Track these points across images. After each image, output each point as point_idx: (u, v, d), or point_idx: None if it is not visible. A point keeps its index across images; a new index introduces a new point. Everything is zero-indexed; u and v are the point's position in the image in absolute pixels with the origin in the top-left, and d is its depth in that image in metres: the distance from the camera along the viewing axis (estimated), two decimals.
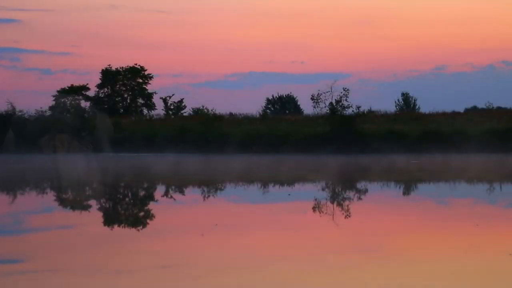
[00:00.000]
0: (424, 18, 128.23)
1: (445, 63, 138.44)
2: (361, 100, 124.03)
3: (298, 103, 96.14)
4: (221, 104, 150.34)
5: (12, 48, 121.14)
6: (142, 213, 16.89)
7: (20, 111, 66.96)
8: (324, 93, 62.31)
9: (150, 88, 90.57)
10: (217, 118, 67.11)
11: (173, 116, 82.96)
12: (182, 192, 23.15)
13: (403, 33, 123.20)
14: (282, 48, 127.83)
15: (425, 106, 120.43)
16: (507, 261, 9.81)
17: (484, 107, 75.65)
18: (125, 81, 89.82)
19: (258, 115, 73.85)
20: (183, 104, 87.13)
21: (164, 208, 17.78)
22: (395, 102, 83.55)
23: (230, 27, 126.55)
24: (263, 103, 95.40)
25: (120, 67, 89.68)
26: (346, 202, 18.32)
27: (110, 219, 15.48)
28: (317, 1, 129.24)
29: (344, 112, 61.85)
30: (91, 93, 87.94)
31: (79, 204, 18.68)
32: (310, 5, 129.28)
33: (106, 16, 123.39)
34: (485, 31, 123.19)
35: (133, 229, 13.73)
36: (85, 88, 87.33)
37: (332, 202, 18.41)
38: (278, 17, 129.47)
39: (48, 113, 74.65)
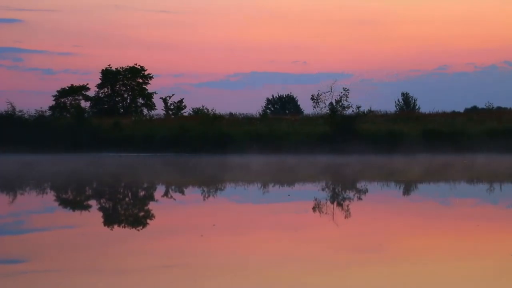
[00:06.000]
0: (426, 18, 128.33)
1: (447, 63, 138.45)
2: (362, 100, 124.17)
3: (298, 103, 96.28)
4: (223, 104, 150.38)
5: (14, 48, 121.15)
6: (141, 213, 16.88)
7: (20, 111, 66.96)
8: (324, 93, 62.34)
9: (150, 88, 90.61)
10: (217, 118, 67.11)
11: (173, 116, 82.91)
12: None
13: (405, 33, 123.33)
14: (284, 48, 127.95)
15: (426, 106, 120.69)
16: (508, 261, 9.79)
17: (484, 107, 75.67)
18: (125, 81, 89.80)
19: (258, 115, 73.81)
20: (183, 104, 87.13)
21: (164, 208, 17.76)
22: (395, 102, 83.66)
23: (232, 27, 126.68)
24: (263, 103, 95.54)
25: (120, 67, 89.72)
26: (346, 202, 18.31)
27: (109, 219, 15.46)
28: (319, 1, 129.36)
29: (344, 112, 61.87)
30: (91, 93, 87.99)
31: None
32: (312, 5, 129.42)
33: (108, 16, 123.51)
34: (487, 31, 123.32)
35: (132, 229, 13.71)
36: (85, 88, 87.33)
37: (332, 202, 18.40)
38: (280, 17, 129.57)
39: (48, 113, 74.66)
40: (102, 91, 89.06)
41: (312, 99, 62.75)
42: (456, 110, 76.36)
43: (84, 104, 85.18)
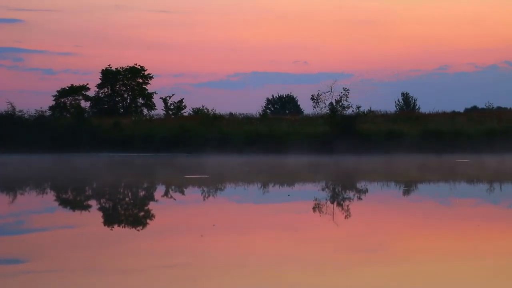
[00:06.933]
0: (426, 18, 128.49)
1: (447, 63, 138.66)
2: (362, 100, 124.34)
3: (298, 103, 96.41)
4: (223, 104, 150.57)
5: (14, 48, 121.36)
6: (141, 213, 16.88)
7: (20, 111, 67.02)
8: (324, 93, 62.45)
9: (150, 88, 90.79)
10: (217, 118, 67.19)
11: (173, 116, 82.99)
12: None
13: (405, 33, 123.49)
14: (284, 48, 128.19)
15: (426, 106, 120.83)
16: (509, 261, 9.79)
17: (484, 107, 75.76)
18: (125, 81, 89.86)
19: (258, 115, 73.84)
20: (183, 104, 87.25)
21: (164, 208, 17.76)
22: (395, 102, 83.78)
23: (232, 27, 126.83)
24: (263, 103, 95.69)
25: (120, 67, 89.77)
26: (346, 202, 18.30)
27: (109, 219, 15.46)
28: (319, 1, 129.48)
29: (344, 112, 61.93)
30: (91, 93, 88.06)
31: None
32: (313, 5, 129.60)
33: (108, 16, 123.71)
34: (488, 31, 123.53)
35: (132, 229, 13.71)
36: (85, 88, 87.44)
37: (332, 202, 18.39)
38: (280, 17, 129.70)
39: (48, 113, 74.71)
40: (102, 91, 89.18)
41: (312, 99, 62.85)
42: (456, 110, 76.54)
43: (84, 104, 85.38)
